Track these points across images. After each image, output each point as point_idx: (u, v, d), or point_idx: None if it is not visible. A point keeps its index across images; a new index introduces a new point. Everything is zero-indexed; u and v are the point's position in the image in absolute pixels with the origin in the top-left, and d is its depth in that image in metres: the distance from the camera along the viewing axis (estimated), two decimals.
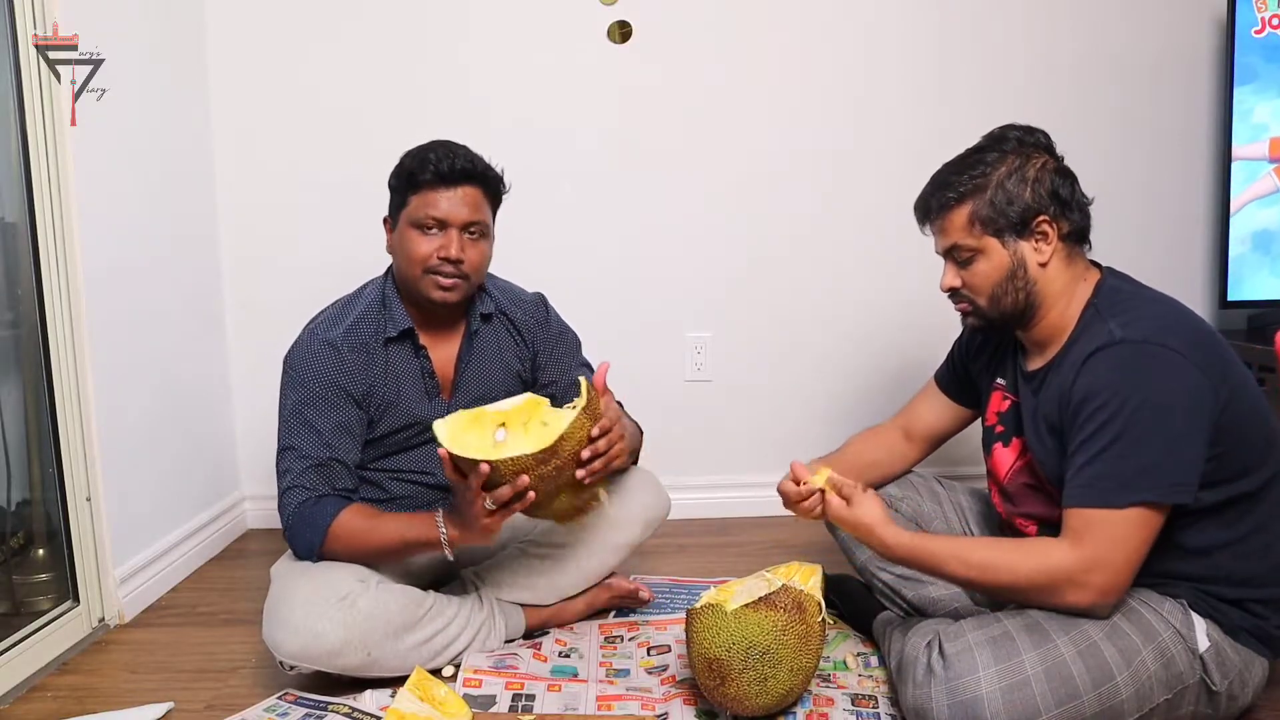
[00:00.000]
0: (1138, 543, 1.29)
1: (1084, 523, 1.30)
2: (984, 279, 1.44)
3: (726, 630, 1.40)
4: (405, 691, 1.43)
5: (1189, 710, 1.36)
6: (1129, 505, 1.27)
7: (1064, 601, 1.32)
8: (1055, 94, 2.48)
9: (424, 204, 1.63)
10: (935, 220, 1.47)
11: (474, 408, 1.52)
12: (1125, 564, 1.29)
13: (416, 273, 1.65)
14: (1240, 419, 1.33)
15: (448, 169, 1.62)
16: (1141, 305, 1.39)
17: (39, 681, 1.70)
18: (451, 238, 1.64)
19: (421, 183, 1.63)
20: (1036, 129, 1.46)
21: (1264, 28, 2.38)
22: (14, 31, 1.74)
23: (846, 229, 2.51)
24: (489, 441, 1.44)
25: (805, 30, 2.45)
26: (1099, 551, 1.28)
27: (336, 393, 1.65)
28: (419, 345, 1.72)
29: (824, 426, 2.53)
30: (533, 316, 1.83)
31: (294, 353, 1.69)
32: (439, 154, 1.63)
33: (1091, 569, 1.29)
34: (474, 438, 1.44)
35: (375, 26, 2.40)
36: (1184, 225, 2.60)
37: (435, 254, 1.63)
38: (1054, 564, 1.31)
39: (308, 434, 1.64)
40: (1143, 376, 1.29)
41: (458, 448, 1.42)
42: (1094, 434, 1.30)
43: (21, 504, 1.91)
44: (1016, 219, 1.40)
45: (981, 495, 1.78)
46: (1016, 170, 1.40)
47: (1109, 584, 1.29)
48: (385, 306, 1.71)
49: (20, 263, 1.82)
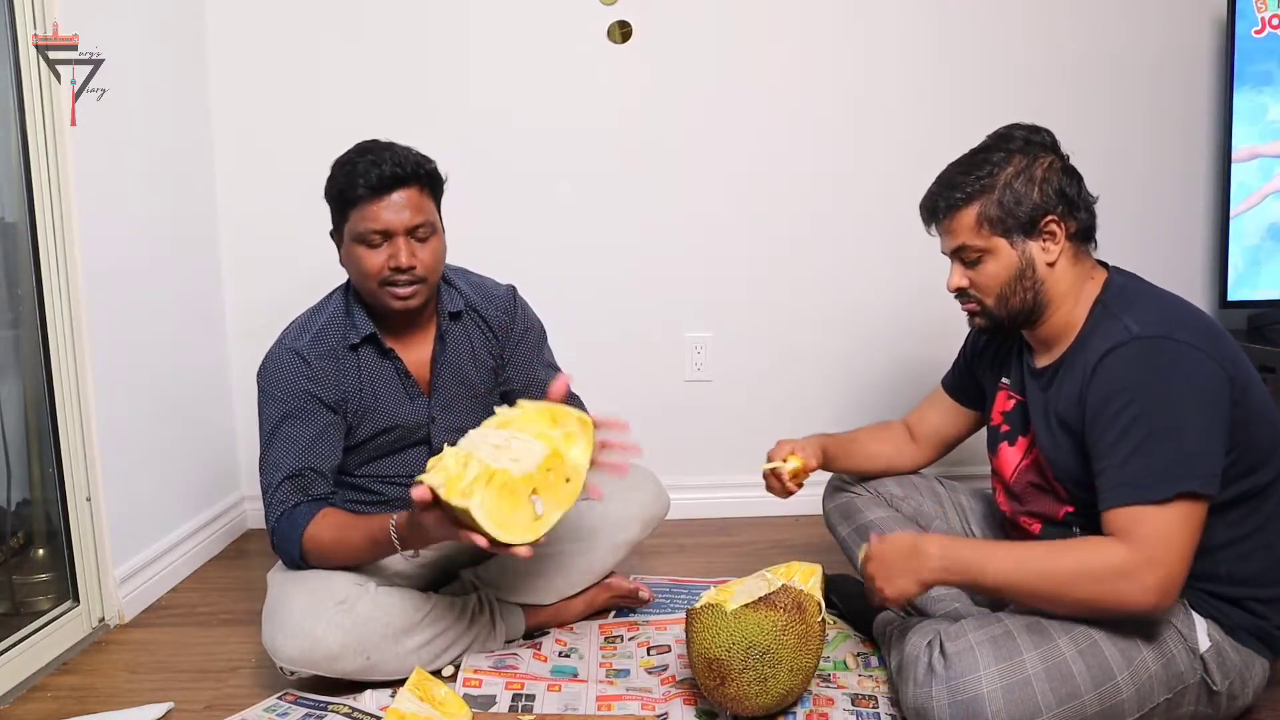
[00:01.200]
0: (1187, 535, 1.26)
1: (1130, 520, 1.27)
2: (992, 279, 1.44)
3: (726, 630, 1.40)
4: (405, 691, 1.43)
5: (1189, 710, 1.36)
6: (1170, 499, 1.25)
7: (1122, 600, 1.26)
8: (1055, 94, 2.48)
9: (363, 219, 1.59)
10: (942, 220, 1.46)
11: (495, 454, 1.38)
12: (1179, 559, 1.25)
13: (372, 286, 1.63)
14: (1250, 414, 1.33)
15: (377, 178, 1.57)
16: (1152, 301, 1.39)
17: (39, 681, 1.70)
18: (399, 246, 1.59)
19: (356, 198, 1.58)
20: (1042, 128, 1.45)
21: (1264, 28, 2.38)
22: (14, 31, 1.74)
23: (847, 229, 2.51)
24: (529, 514, 1.36)
25: (805, 30, 2.45)
26: (1153, 548, 1.25)
27: (309, 400, 1.64)
28: (385, 348, 1.70)
29: (824, 427, 2.49)
30: (503, 311, 1.80)
31: (265, 365, 1.68)
32: (365, 164, 1.58)
33: (1146, 566, 1.24)
34: (518, 516, 1.35)
35: (375, 26, 2.40)
36: (1184, 225, 2.60)
37: (386, 266, 1.60)
38: (1106, 560, 1.26)
39: (282, 445, 1.64)
40: (1163, 371, 1.29)
41: (505, 533, 1.33)
42: (1124, 433, 1.29)
43: (21, 504, 1.91)
44: (1025, 219, 1.40)
45: (983, 495, 1.78)
46: (1024, 170, 1.40)
47: (1167, 580, 1.25)
48: (349, 314, 1.70)
49: (20, 263, 1.82)
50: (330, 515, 1.61)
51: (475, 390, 1.78)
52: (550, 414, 1.47)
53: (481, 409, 1.80)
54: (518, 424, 1.44)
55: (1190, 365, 1.29)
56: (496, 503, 1.33)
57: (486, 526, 1.32)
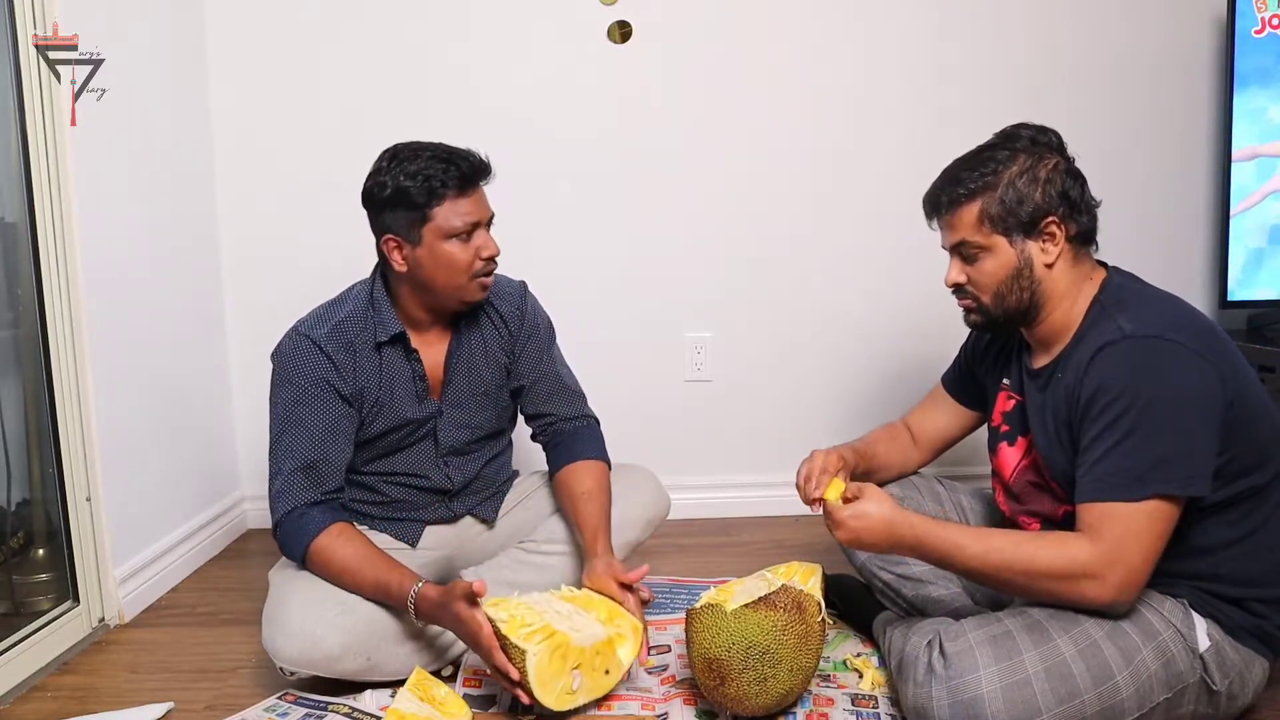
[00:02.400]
0: (1154, 536, 1.28)
1: (1099, 516, 1.29)
2: (989, 277, 1.44)
3: (726, 630, 1.40)
4: (405, 691, 1.43)
5: (1189, 709, 1.35)
6: (1145, 498, 1.26)
7: (1082, 596, 1.30)
8: (1055, 94, 2.48)
9: (454, 213, 1.60)
10: (944, 215, 1.46)
11: (564, 620, 1.50)
12: (1143, 559, 1.28)
13: (463, 281, 1.64)
14: (1247, 415, 1.33)
15: (464, 173, 1.60)
16: (1148, 302, 1.39)
17: (39, 681, 1.71)
18: (485, 236, 1.64)
19: (445, 195, 1.60)
20: (1049, 129, 1.45)
21: (1264, 28, 2.38)
22: (14, 31, 1.75)
23: (846, 228, 2.51)
24: (567, 684, 1.45)
25: (805, 30, 2.45)
26: (1116, 546, 1.27)
27: (325, 389, 1.64)
28: (411, 349, 1.71)
29: (824, 426, 2.52)
30: (516, 307, 1.81)
31: (281, 351, 1.68)
32: (441, 163, 1.59)
33: (1109, 564, 1.27)
34: (558, 680, 1.44)
35: (375, 26, 2.40)
36: (1184, 225, 2.60)
37: (477, 257, 1.63)
38: (1071, 557, 1.29)
39: (296, 432, 1.63)
40: (1154, 370, 1.29)
41: (541, 689, 1.41)
42: (1107, 429, 1.30)
43: (21, 504, 1.92)
44: (1025, 219, 1.40)
45: (983, 495, 1.78)
46: (1028, 170, 1.40)
47: (1127, 580, 1.28)
48: (375, 310, 1.69)
49: (20, 263, 1.82)
50: (345, 536, 1.59)
51: (485, 387, 1.78)
52: (609, 609, 1.56)
53: (489, 406, 1.80)
54: (581, 604, 1.56)
55: (1180, 366, 1.29)
56: (548, 660, 1.43)
57: (530, 675, 1.40)
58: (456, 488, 1.81)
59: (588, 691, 1.47)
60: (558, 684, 1.43)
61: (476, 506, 1.87)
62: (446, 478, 1.79)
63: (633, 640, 1.55)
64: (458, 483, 1.81)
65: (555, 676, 1.43)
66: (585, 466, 1.77)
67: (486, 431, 1.83)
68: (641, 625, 1.57)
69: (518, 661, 1.41)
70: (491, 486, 1.89)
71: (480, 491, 1.87)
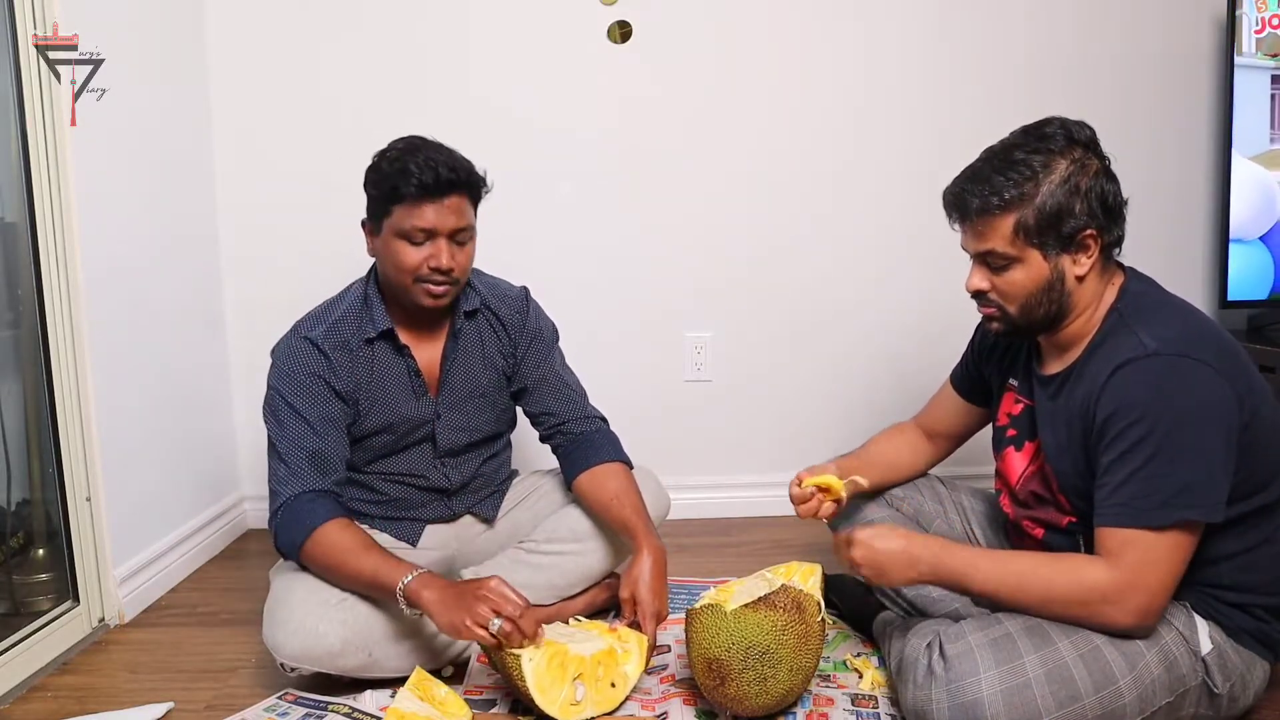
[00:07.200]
0: (1175, 563, 1.27)
1: (1121, 543, 1.27)
2: (1018, 288, 1.37)
3: (726, 630, 1.40)
4: (405, 691, 1.43)
5: (1190, 712, 1.35)
6: (1168, 526, 1.25)
7: (1103, 620, 1.29)
8: (1055, 94, 2.48)
9: (409, 216, 1.59)
10: (974, 221, 1.37)
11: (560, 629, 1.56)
12: (1162, 585, 1.27)
13: (406, 282, 1.63)
14: (1260, 434, 1.31)
15: (432, 180, 1.56)
16: (1168, 313, 1.35)
17: (39, 681, 1.70)
18: (440, 248, 1.60)
19: (405, 195, 1.58)
20: (1083, 124, 1.37)
21: (1264, 28, 2.38)
22: (14, 31, 1.74)
23: (846, 228, 2.51)
24: (570, 695, 1.46)
25: (806, 29, 2.45)
26: (1137, 573, 1.26)
27: (323, 387, 1.65)
28: (400, 345, 1.71)
29: (825, 426, 2.53)
30: (517, 311, 1.81)
31: (279, 349, 1.69)
32: (420, 164, 1.56)
33: (1129, 591, 1.26)
34: (558, 689, 1.45)
35: (375, 26, 2.40)
36: (1184, 225, 2.59)
37: (425, 264, 1.61)
38: (1091, 584, 1.28)
39: (298, 426, 1.64)
40: (1176, 392, 1.26)
41: (541, 697, 1.43)
42: (1129, 451, 1.27)
43: (21, 504, 1.91)
44: (1066, 232, 1.33)
45: (984, 496, 1.77)
46: (1069, 179, 1.32)
47: (1148, 605, 1.27)
48: (367, 307, 1.70)
49: (20, 263, 1.82)
50: (348, 529, 1.59)
51: (483, 390, 1.78)
52: (615, 630, 1.59)
53: (488, 409, 1.80)
54: (584, 627, 1.60)
55: (1204, 388, 1.26)
56: (545, 667, 1.45)
57: (528, 680, 1.42)
58: (455, 487, 1.82)
59: (594, 704, 1.48)
60: (557, 692, 1.44)
61: (476, 505, 1.87)
62: (445, 477, 1.80)
63: (639, 654, 1.56)
64: (456, 482, 1.81)
65: (555, 684, 1.44)
66: (604, 471, 1.78)
67: (485, 434, 1.83)
68: (648, 639, 1.58)
69: (514, 670, 1.42)
70: (490, 485, 1.89)
71: (479, 490, 1.87)
